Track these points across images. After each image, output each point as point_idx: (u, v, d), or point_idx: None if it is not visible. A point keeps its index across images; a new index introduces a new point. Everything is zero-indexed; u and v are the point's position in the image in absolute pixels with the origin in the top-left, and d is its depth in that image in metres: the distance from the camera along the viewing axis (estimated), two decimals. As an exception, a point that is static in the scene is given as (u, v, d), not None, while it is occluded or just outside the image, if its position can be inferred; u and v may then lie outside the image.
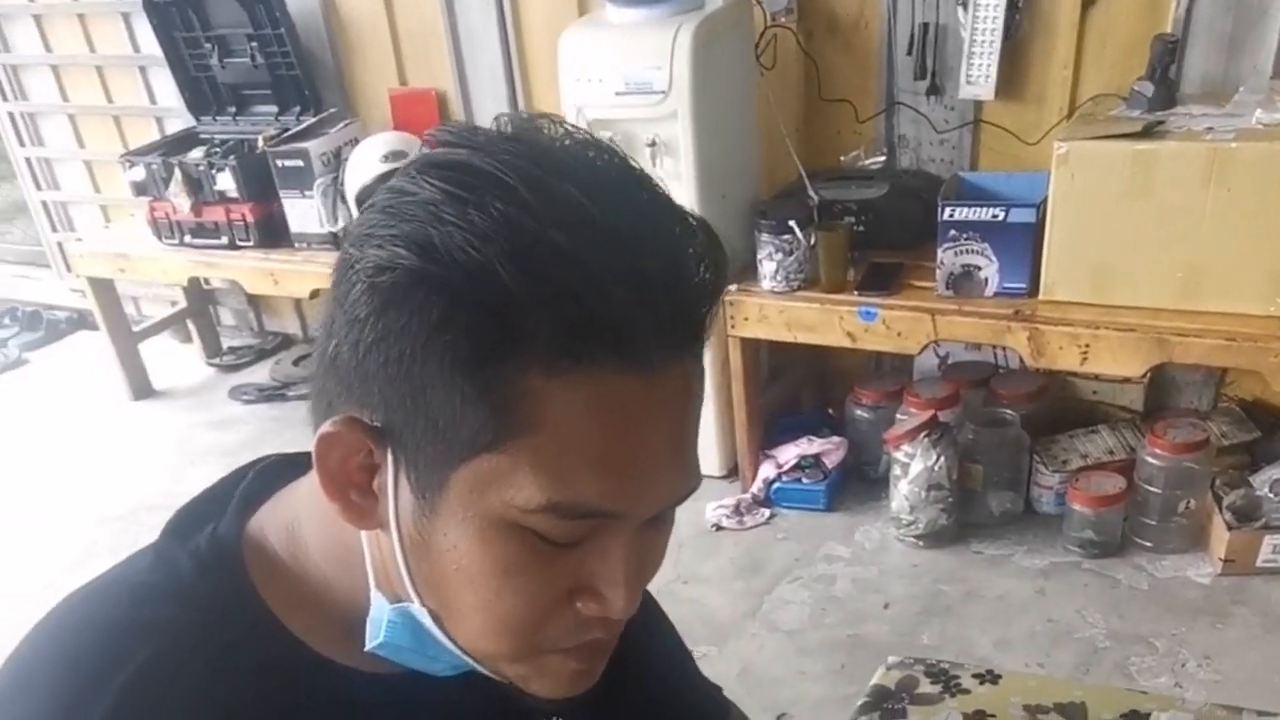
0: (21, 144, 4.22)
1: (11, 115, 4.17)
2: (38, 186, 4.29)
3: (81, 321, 4.45)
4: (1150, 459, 2.51)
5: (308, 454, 0.72)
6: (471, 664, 0.69)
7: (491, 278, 0.56)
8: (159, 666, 0.65)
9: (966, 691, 1.30)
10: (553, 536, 0.62)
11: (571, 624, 0.66)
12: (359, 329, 0.60)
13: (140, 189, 3.49)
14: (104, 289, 3.76)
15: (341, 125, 3.35)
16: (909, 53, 2.70)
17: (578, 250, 0.57)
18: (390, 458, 0.63)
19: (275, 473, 0.77)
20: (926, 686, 1.32)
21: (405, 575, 0.66)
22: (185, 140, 3.58)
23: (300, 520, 0.72)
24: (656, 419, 0.61)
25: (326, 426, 0.63)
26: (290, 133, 3.34)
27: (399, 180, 0.61)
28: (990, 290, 2.46)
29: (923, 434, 2.60)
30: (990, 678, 1.32)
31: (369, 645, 0.69)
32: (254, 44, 3.38)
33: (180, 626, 0.67)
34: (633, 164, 0.63)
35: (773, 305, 2.67)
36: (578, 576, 0.65)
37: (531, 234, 0.56)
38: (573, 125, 0.63)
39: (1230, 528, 2.44)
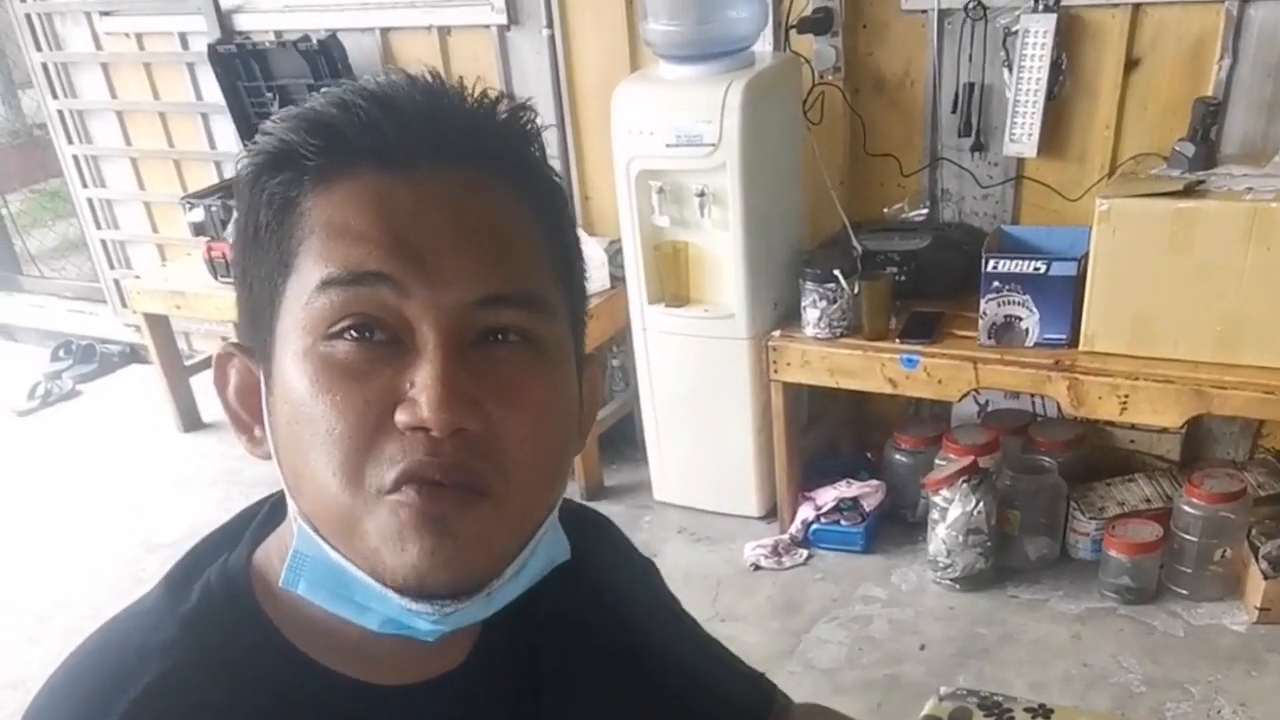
0: (84, 185, 4.35)
1: (76, 158, 4.30)
2: (97, 225, 4.41)
3: (134, 355, 4.56)
4: (1187, 508, 2.56)
5: None
6: (383, 592, 0.64)
7: (271, 140, 0.65)
8: (166, 686, 0.66)
9: (1019, 722, 1.35)
10: (346, 329, 0.64)
11: (394, 450, 0.62)
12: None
13: (199, 229, 3.60)
14: (159, 324, 3.86)
15: (396, 171, 3.45)
16: (953, 111, 2.78)
17: (340, 97, 0.65)
18: (261, 370, 0.68)
19: (285, 504, 0.77)
20: (979, 718, 1.37)
21: (283, 483, 0.68)
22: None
23: (290, 537, 0.72)
24: (425, 206, 0.65)
25: (218, 349, 0.72)
26: (347, 177, 3.44)
27: None
28: (1031, 340, 2.53)
29: (962, 479, 2.66)
30: (1043, 712, 1.37)
31: (281, 581, 0.68)
32: (314, 93, 3.48)
33: (186, 647, 0.68)
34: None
35: (815, 351, 2.74)
36: (393, 389, 0.63)
37: (311, 103, 0.66)
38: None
39: (1266, 577, 2.47)
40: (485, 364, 0.64)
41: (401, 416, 0.62)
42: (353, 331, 0.64)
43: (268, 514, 0.78)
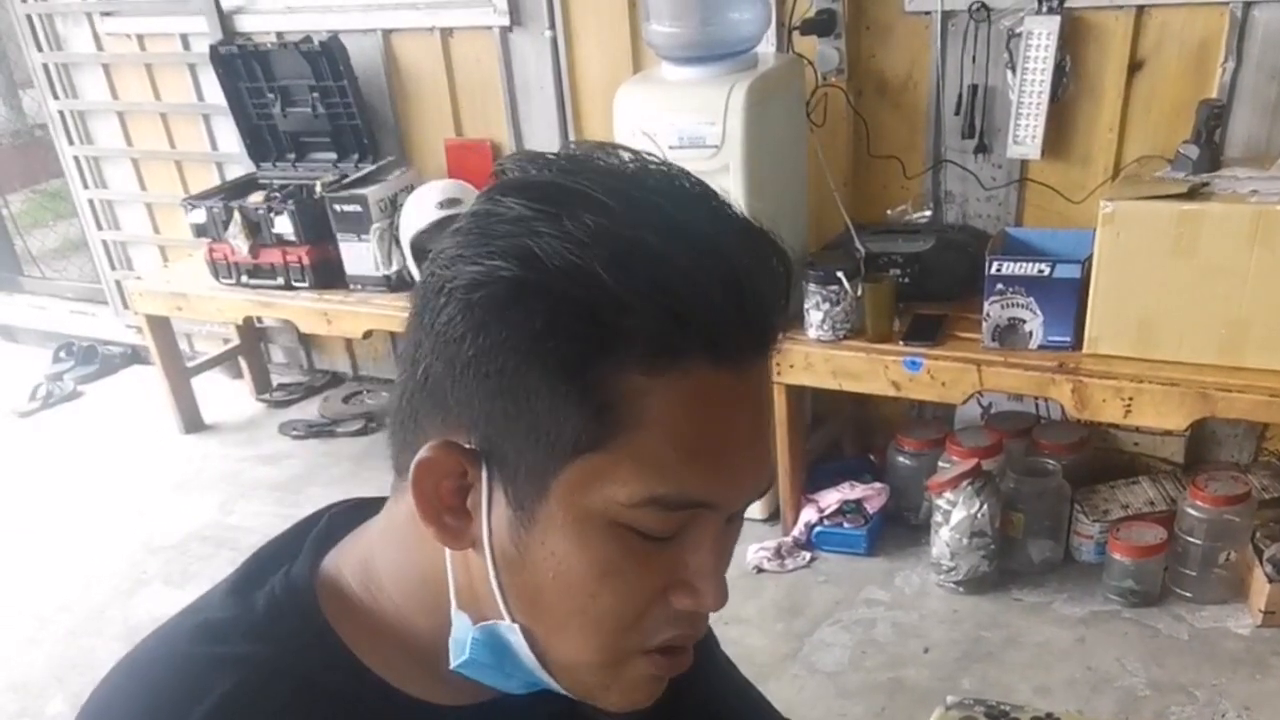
0: (85, 186, 4.34)
1: (77, 159, 4.30)
2: (99, 226, 4.41)
3: (135, 356, 4.56)
4: (1191, 510, 2.55)
5: (377, 498, 0.75)
6: (548, 680, 0.70)
7: (593, 280, 0.58)
8: (238, 700, 0.66)
9: (1025, 728, 1.35)
10: (652, 531, 0.64)
11: (662, 621, 0.67)
12: (455, 347, 0.62)
13: (200, 231, 3.60)
14: (160, 326, 3.86)
15: (398, 173, 3.46)
16: (957, 113, 2.77)
17: (670, 252, 0.59)
18: (485, 475, 0.65)
19: (348, 516, 0.78)
20: (986, 722, 1.37)
21: (497, 591, 0.67)
22: (245, 185, 3.70)
23: (374, 555, 0.73)
24: (743, 413, 0.64)
25: (424, 452, 0.65)
26: (349, 179, 3.45)
27: (481, 204, 0.63)
28: (1035, 343, 2.52)
29: (965, 482, 2.65)
30: (1048, 719, 1.36)
31: (454, 664, 0.70)
32: (316, 95, 3.49)
33: (257, 661, 0.68)
34: (697, 177, 0.66)
35: (819, 354, 2.73)
36: (670, 573, 0.66)
37: (627, 239, 0.59)
38: (628, 149, 0.66)
39: (1271, 580, 2.47)
40: (733, 540, 0.71)
41: (683, 603, 0.67)
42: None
43: (326, 526, 0.78)
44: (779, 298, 0.65)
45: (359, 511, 0.79)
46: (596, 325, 0.59)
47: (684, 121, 2.67)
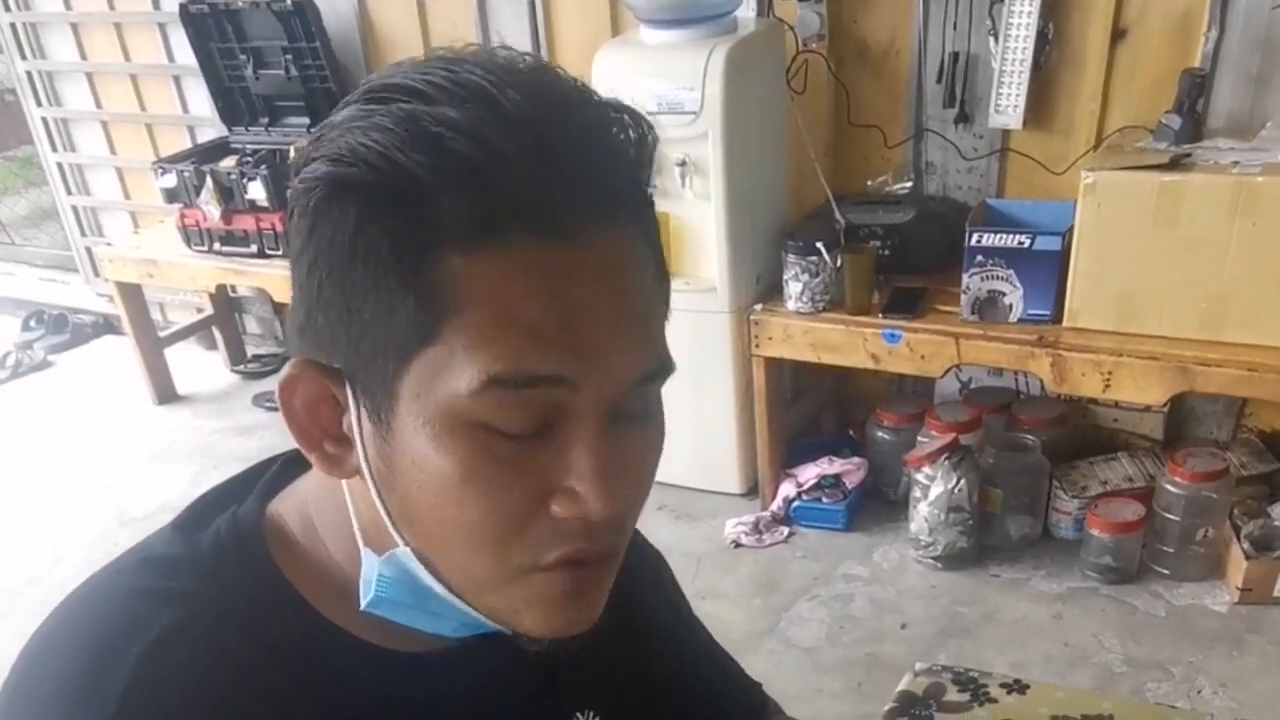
0: (54, 149, 4.27)
1: (45, 120, 4.23)
2: (68, 191, 4.34)
3: (107, 326, 4.50)
4: (1170, 487, 2.53)
5: None
6: (469, 612, 0.67)
7: (395, 166, 0.56)
8: (181, 633, 0.65)
9: (994, 700, 1.32)
10: (505, 424, 0.60)
11: (549, 533, 0.63)
12: (300, 262, 0.61)
13: (171, 196, 3.54)
14: (132, 294, 3.80)
15: (373, 138, 3.40)
16: (938, 81, 2.73)
17: (478, 127, 0.56)
18: (350, 394, 0.63)
19: (297, 463, 0.76)
20: (954, 694, 1.34)
21: (384, 514, 0.65)
22: (217, 149, 3.63)
23: (309, 500, 0.72)
24: (590, 286, 0.60)
25: (284, 371, 0.63)
26: (323, 144, 3.38)
27: (328, 116, 0.62)
28: (1014, 316, 2.50)
29: (944, 457, 2.63)
30: (1018, 688, 1.34)
31: (363, 604, 0.68)
32: (289, 56, 3.42)
33: (203, 599, 0.67)
34: (539, 58, 0.62)
35: (798, 326, 2.70)
36: (546, 478, 0.62)
37: (430, 118, 0.56)
38: (507, 49, 0.62)
39: (1248, 557, 2.46)
40: (623, 443, 0.64)
41: (563, 509, 0.62)
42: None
43: (279, 470, 0.76)
44: (623, 168, 0.62)
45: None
46: (406, 213, 0.57)
47: (662, 86, 2.63)
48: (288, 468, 0.77)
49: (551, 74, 0.61)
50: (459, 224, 0.57)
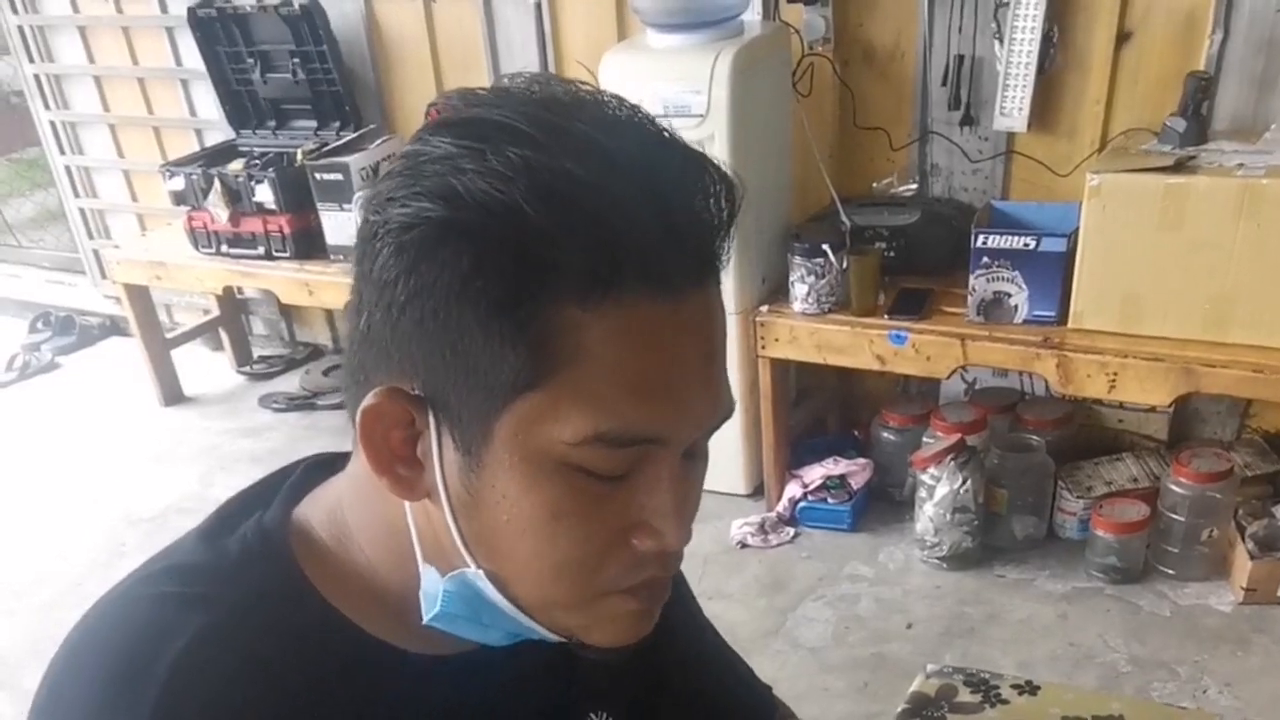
0: (62, 152, 4.28)
1: (53, 124, 4.24)
2: (76, 194, 4.35)
3: (114, 327, 4.51)
4: (1175, 487, 2.54)
5: (349, 452, 0.74)
6: (528, 625, 0.69)
7: (517, 216, 0.57)
8: (212, 638, 0.66)
9: (1006, 702, 1.33)
10: (600, 470, 0.63)
11: (627, 563, 0.67)
12: (390, 292, 0.61)
13: (179, 199, 3.55)
14: (139, 296, 3.81)
15: (380, 141, 3.41)
16: (944, 84, 2.74)
17: (597, 180, 0.58)
18: (433, 421, 0.64)
19: (322, 467, 0.78)
20: (966, 695, 1.35)
21: (458, 538, 0.66)
22: (224, 152, 3.65)
23: (343, 506, 0.73)
24: (686, 343, 0.62)
25: (368, 400, 0.64)
26: (330, 147, 3.40)
27: (412, 145, 0.62)
28: (1020, 317, 2.51)
29: (949, 457, 2.64)
30: (1029, 689, 1.35)
31: (426, 618, 0.69)
32: (296, 60, 3.44)
33: (230, 604, 0.68)
34: (636, 104, 0.64)
35: (803, 327, 2.72)
36: (628, 514, 0.65)
37: (550, 170, 0.57)
38: (564, 79, 0.64)
39: (1253, 557, 2.47)
40: (691, 478, 0.68)
41: (643, 544, 0.66)
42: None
43: (302, 475, 0.78)
44: (718, 222, 0.63)
45: (331, 465, 0.78)
46: (524, 261, 0.58)
47: (669, 90, 2.64)
48: (311, 472, 0.78)
49: (647, 120, 0.63)
50: (577, 277, 0.58)
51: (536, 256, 0.58)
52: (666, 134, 0.63)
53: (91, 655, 0.68)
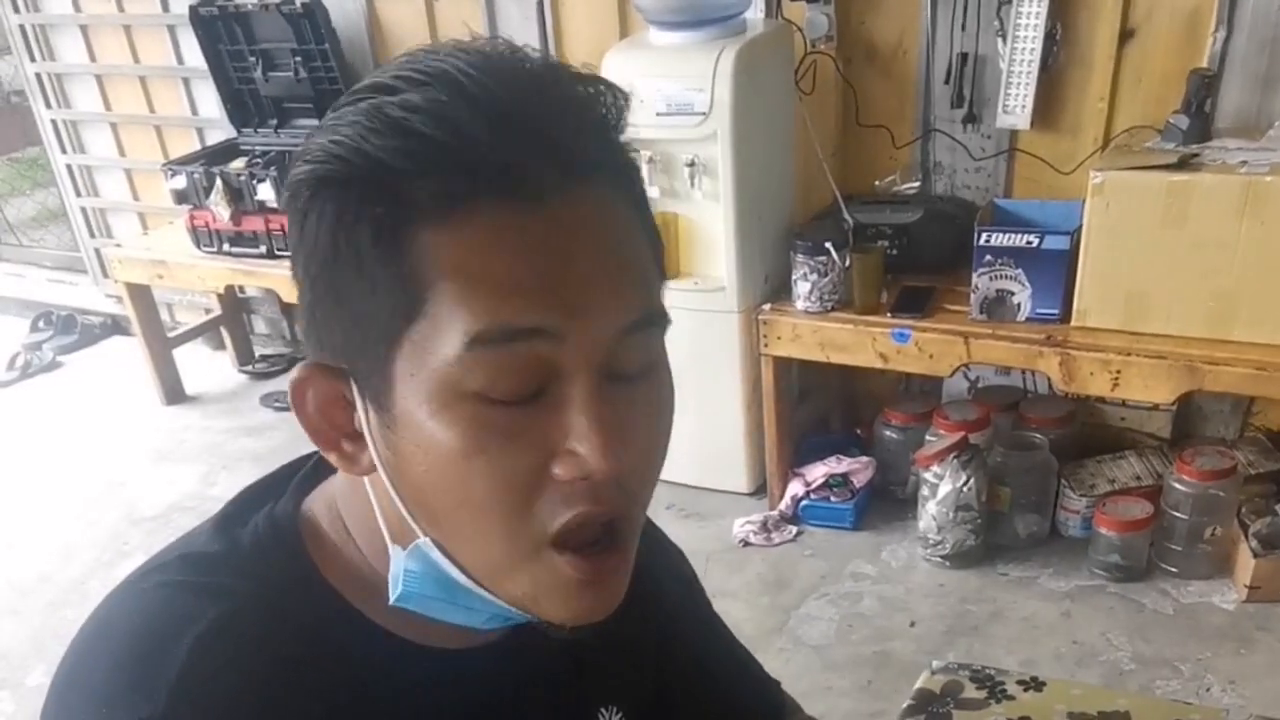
0: (64, 151, 4.29)
1: (55, 123, 4.24)
2: (77, 193, 4.35)
3: (115, 326, 4.51)
4: (1178, 485, 2.54)
5: None
6: (495, 601, 0.68)
7: (364, 157, 0.58)
8: (228, 626, 0.66)
9: (1011, 698, 1.33)
10: (498, 391, 0.61)
11: (556, 501, 0.63)
12: (296, 261, 0.64)
13: (181, 197, 3.56)
14: (141, 295, 3.82)
15: (382, 139, 3.41)
16: (946, 81, 2.74)
17: (440, 106, 0.58)
18: (355, 390, 0.64)
19: None
20: (971, 691, 1.35)
21: (400, 506, 0.66)
22: (226, 151, 3.65)
23: (337, 498, 0.74)
24: (565, 243, 0.60)
25: (293, 373, 0.65)
26: (332, 145, 3.40)
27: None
28: (1023, 315, 2.51)
29: (952, 455, 2.64)
30: (1035, 685, 1.35)
31: (392, 598, 0.68)
32: (298, 58, 3.44)
33: (245, 593, 0.69)
34: (526, 46, 0.64)
35: (806, 325, 2.71)
36: (547, 442, 0.62)
37: (394, 105, 0.59)
38: (490, 38, 0.64)
39: (1256, 555, 2.47)
40: (623, 401, 0.63)
41: (564, 471, 0.62)
42: (503, 392, 0.61)
43: (313, 468, 0.78)
44: (590, 129, 0.63)
45: None
46: (375, 198, 0.59)
47: (672, 87, 2.64)
48: (321, 464, 0.78)
49: (525, 56, 0.63)
50: (429, 200, 0.59)
51: (386, 189, 0.59)
52: (550, 63, 0.63)
53: (110, 640, 0.69)
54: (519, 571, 0.65)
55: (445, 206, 0.59)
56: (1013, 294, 2.50)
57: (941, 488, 2.65)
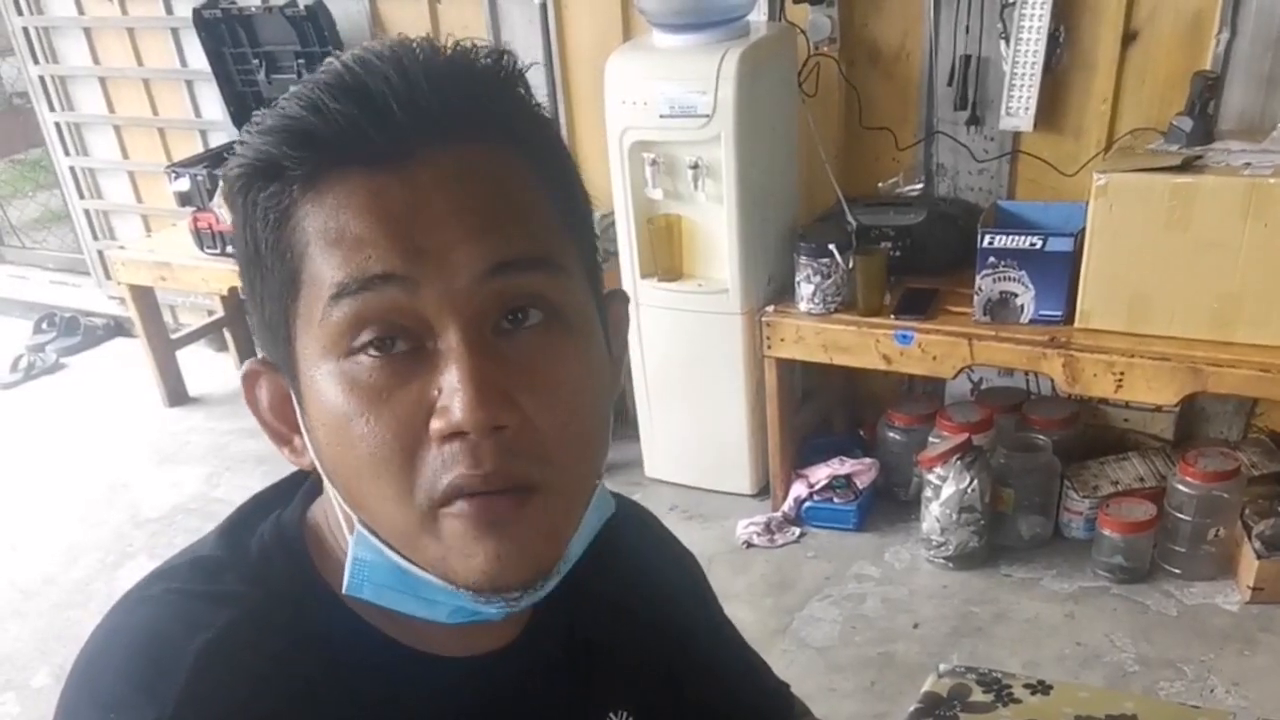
0: (67, 153, 4.29)
1: (58, 125, 4.25)
2: (80, 195, 4.36)
3: (118, 328, 4.51)
4: (1181, 487, 2.54)
5: None
6: (445, 586, 0.65)
7: (254, 151, 0.63)
8: (235, 633, 0.67)
9: (1018, 701, 1.33)
10: (366, 344, 0.61)
11: (437, 465, 0.62)
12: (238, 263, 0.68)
13: (184, 199, 3.56)
14: (144, 297, 3.82)
15: (385, 141, 3.41)
16: (949, 83, 2.74)
17: (306, 88, 0.62)
18: (286, 379, 0.66)
19: None
20: (979, 695, 1.36)
21: (330, 490, 0.67)
22: (230, 153, 3.65)
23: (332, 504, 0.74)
24: (423, 196, 0.61)
25: (241, 369, 0.68)
26: (335, 148, 3.41)
27: None
28: (1026, 317, 2.51)
29: (956, 457, 2.64)
30: (1041, 688, 1.35)
31: (345, 588, 0.68)
32: (301, 61, 3.44)
33: (251, 601, 0.70)
34: (451, 39, 0.65)
35: (809, 327, 2.72)
36: (424, 399, 0.62)
37: (283, 101, 0.63)
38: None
39: (1259, 556, 2.47)
40: (511, 351, 0.63)
41: (436, 425, 0.61)
42: (373, 347, 0.62)
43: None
44: (461, 88, 0.63)
45: None
46: (260, 180, 0.63)
47: (675, 90, 2.64)
48: None
49: (428, 46, 0.64)
50: (299, 179, 0.62)
51: (264, 170, 0.63)
52: (435, 43, 0.64)
53: (118, 647, 0.69)
54: (424, 534, 0.64)
55: (312, 182, 0.62)
56: (1016, 296, 2.50)
57: (945, 489, 2.65)
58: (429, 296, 0.61)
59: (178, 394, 3.99)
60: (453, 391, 0.60)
